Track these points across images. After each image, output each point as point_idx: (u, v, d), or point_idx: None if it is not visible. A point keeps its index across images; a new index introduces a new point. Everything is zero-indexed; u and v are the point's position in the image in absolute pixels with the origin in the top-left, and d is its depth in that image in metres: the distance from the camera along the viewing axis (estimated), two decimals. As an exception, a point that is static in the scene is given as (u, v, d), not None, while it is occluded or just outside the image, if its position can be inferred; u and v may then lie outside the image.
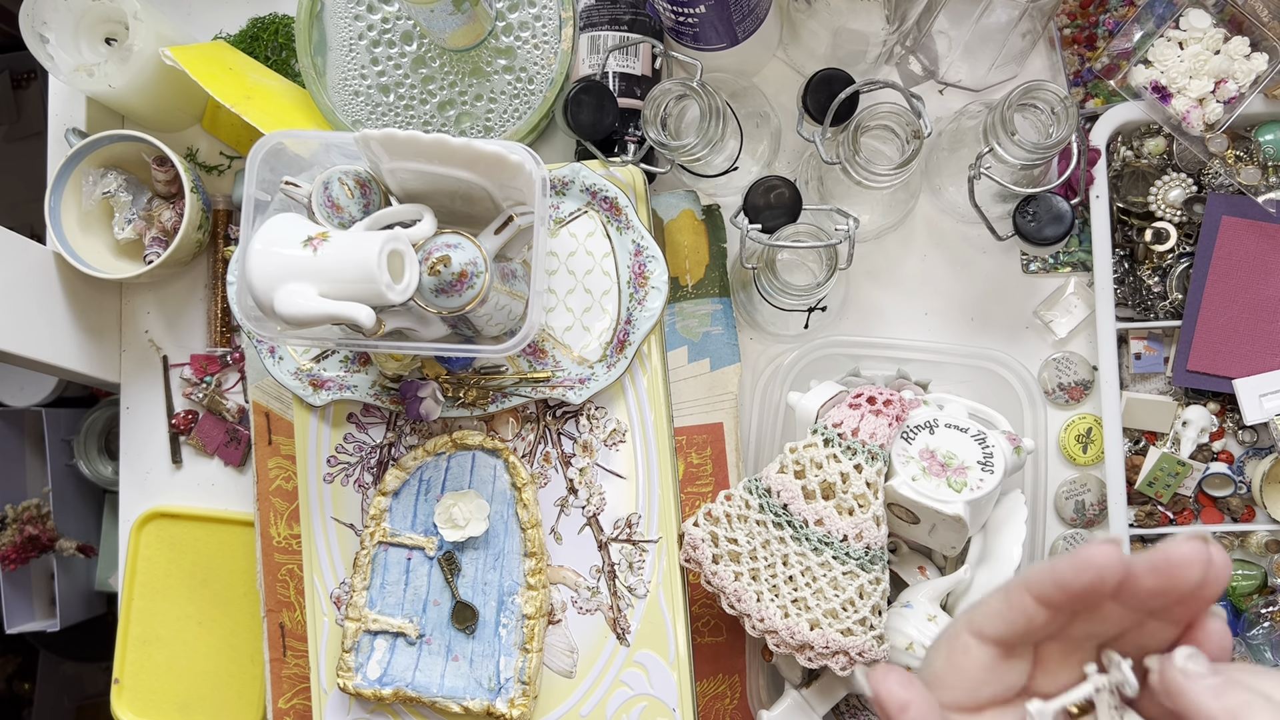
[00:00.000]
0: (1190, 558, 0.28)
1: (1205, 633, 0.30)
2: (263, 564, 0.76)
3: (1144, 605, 0.30)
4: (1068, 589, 0.29)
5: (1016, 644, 0.31)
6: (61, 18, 0.78)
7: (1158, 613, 0.30)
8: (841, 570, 0.60)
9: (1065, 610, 0.30)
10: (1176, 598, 0.29)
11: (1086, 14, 0.76)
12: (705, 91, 0.64)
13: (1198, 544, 0.28)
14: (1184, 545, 0.28)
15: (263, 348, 0.73)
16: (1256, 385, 0.71)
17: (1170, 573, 0.29)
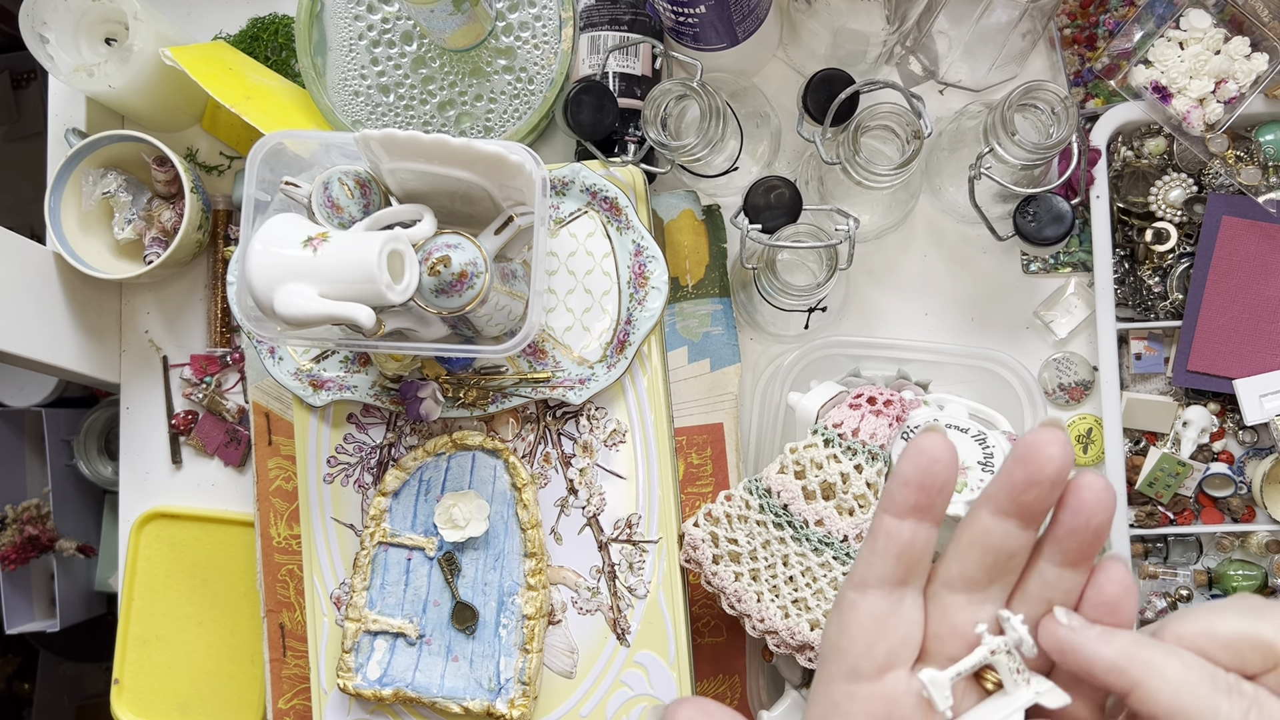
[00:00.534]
0: (1044, 438, 0.27)
1: (1107, 574, 0.29)
2: (262, 564, 0.76)
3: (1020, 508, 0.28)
4: (909, 482, 0.28)
5: (896, 580, 0.29)
6: (61, 18, 0.78)
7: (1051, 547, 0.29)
8: (842, 570, 0.60)
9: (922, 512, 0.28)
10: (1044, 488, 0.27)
11: (1087, 14, 0.76)
12: (705, 92, 0.64)
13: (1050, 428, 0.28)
14: (1038, 431, 0.28)
15: (263, 348, 0.73)
16: (1257, 385, 0.71)
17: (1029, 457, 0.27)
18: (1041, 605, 0.29)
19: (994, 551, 0.29)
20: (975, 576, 0.29)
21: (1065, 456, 0.27)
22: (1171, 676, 0.26)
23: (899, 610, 0.29)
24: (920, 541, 0.29)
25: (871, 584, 0.29)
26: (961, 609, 0.29)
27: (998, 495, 0.28)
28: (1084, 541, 0.28)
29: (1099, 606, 0.29)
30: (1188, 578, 0.74)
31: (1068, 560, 0.29)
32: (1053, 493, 0.28)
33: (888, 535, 0.29)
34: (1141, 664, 0.27)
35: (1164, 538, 0.74)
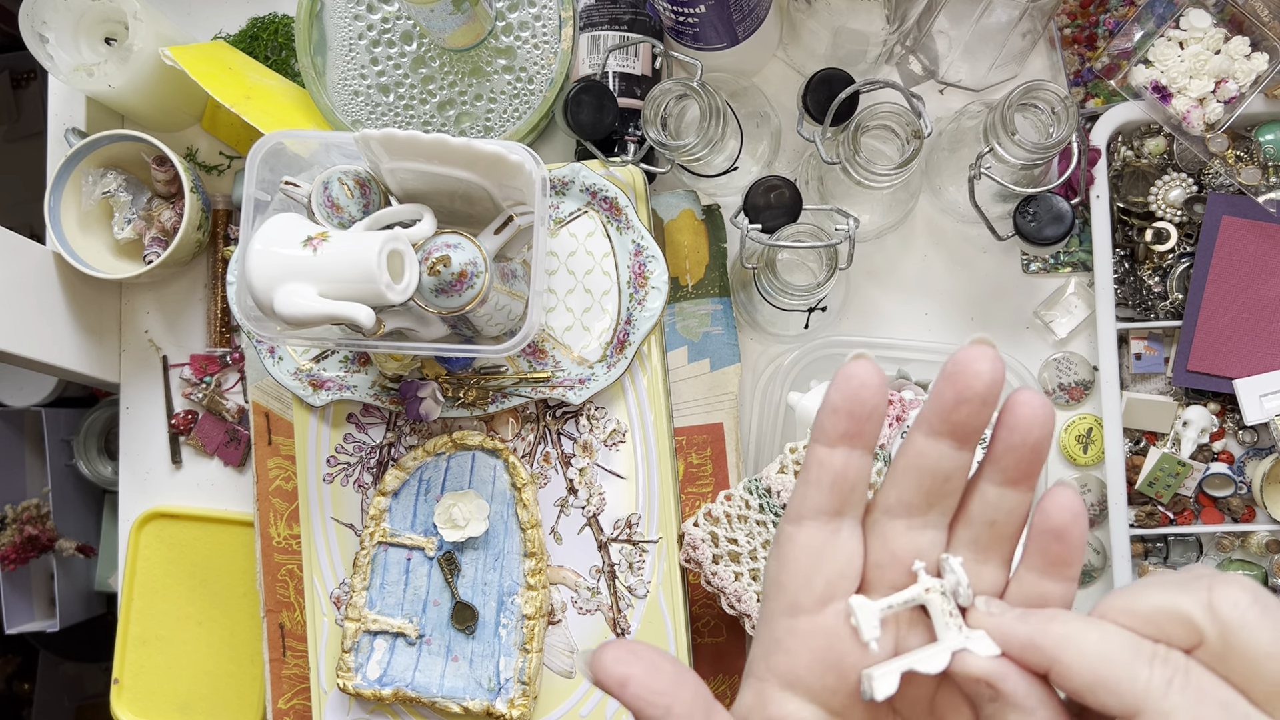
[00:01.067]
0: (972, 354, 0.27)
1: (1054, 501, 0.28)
2: (262, 564, 0.76)
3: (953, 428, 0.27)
4: (838, 409, 0.27)
5: (831, 510, 0.28)
6: (61, 17, 0.78)
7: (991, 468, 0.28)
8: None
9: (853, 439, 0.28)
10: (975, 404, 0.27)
11: (1087, 14, 0.76)
12: (705, 91, 0.64)
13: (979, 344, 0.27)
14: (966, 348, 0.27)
15: (262, 348, 0.72)
16: (1257, 385, 0.71)
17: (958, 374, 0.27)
18: (985, 528, 0.28)
19: (930, 474, 0.28)
20: (914, 501, 0.28)
21: (994, 371, 0.27)
22: (1088, 647, 0.25)
23: (836, 541, 0.28)
24: (854, 470, 0.28)
25: (807, 516, 0.28)
26: (901, 535, 0.29)
27: (930, 416, 0.27)
28: (1022, 459, 0.27)
29: (1046, 534, 0.28)
30: (1188, 578, 0.74)
31: (1008, 479, 0.28)
32: (984, 409, 0.27)
33: (820, 465, 0.28)
34: (1057, 638, 0.26)
35: (1164, 538, 0.74)
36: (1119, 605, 0.26)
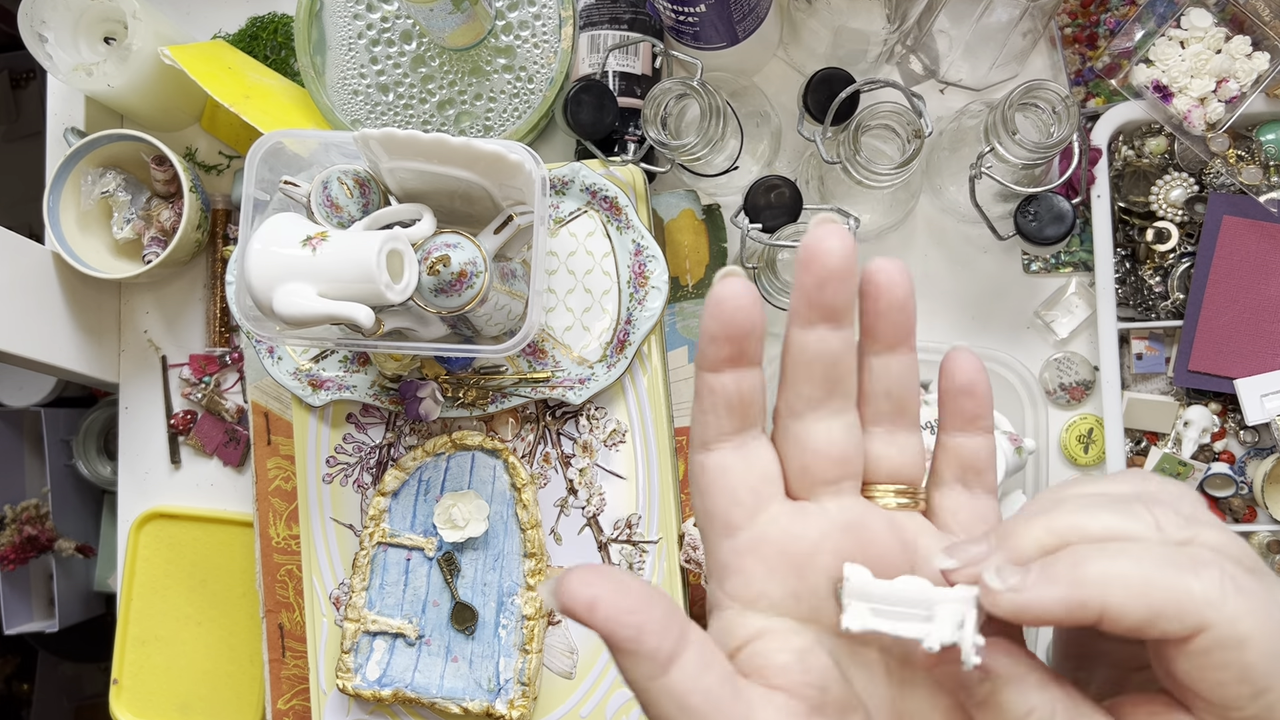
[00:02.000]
0: (819, 234, 0.26)
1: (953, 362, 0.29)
2: (262, 564, 0.76)
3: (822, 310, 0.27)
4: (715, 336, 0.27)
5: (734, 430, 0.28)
6: (60, 17, 0.78)
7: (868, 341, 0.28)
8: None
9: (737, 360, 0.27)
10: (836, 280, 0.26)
11: (1087, 13, 0.76)
12: (705, 91, 0.63)
13: (824, 223, 0.27)
14: (812, 230, 0.27)
15: (261, 348, 0.72)
16: (1258, 385, 0.71)
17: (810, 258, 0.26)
18: (884, 400, 0.29)
19: (818, 362, 0.28)
20: (811, 394, 0.28)
21: (845, 245, 0.26)
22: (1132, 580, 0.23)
23: (747, 455, 0.28)
24: (746, 388, 0.28)
25: (712, 441, 0.28)
26: (811, 430, 0.28)
27: (798, 308, 0.27)
28: (891, 322, 0.28)
29: (956, 393, 0.29)
30: (1189, 578, 0.74)
31: (886, 345, 0.28)
32: (846, 283, 0.27)
33: (710, 391, 0.28)
34: (1097, 583, 0.24)
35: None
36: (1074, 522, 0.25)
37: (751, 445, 0.28)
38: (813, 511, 0.28)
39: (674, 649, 0.25)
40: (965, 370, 0.29)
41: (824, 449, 0.28)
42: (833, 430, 0.28)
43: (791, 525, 0.28)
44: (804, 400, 0.28)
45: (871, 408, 0.29)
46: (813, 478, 0.28)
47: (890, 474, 0.29)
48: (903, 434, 0.29)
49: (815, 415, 0.28)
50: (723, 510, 0.28)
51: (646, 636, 0.24)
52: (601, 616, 0.24)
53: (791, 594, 0.27)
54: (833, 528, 0.28)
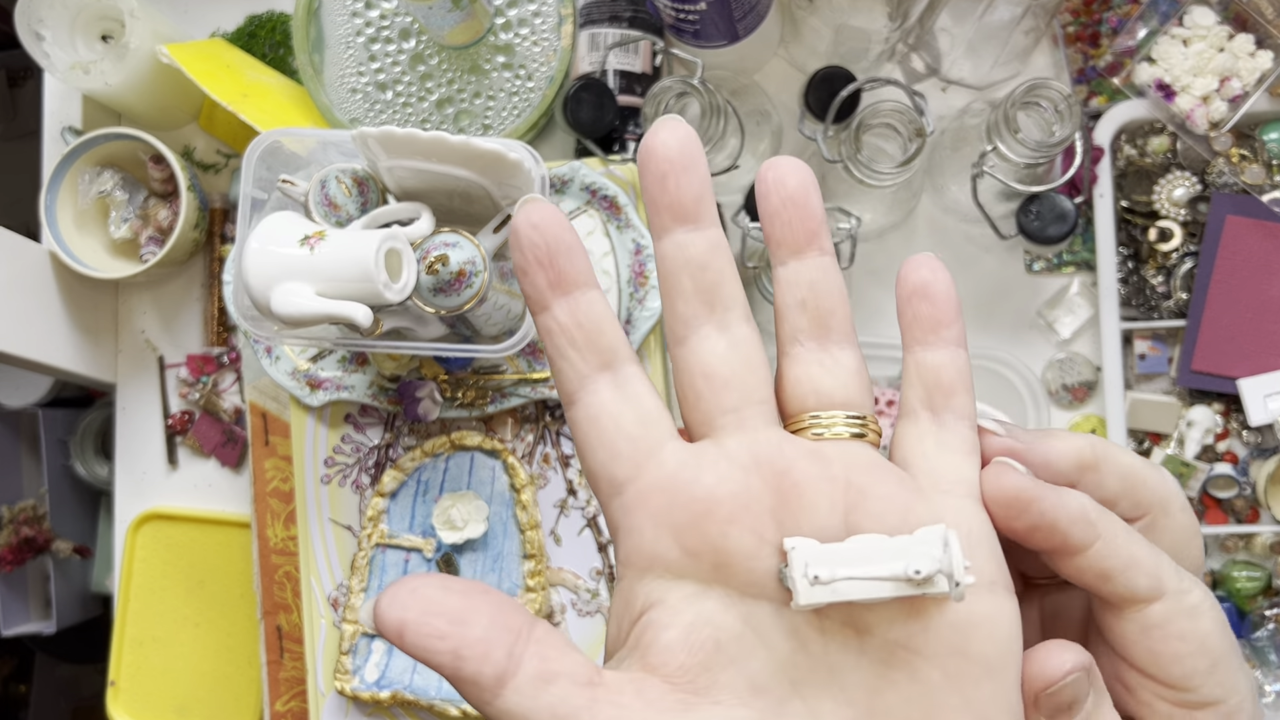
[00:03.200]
0: (652, 130, 0.24)
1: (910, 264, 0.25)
2: (259, 566, 0.75)
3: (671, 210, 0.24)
4: (525, 269, 0.24)
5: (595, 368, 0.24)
6: (57, 15, 0.78)
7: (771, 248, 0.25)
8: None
9: (559, 287, 0.24)
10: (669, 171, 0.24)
11: (1090, 11, 0.75)
12: (706, 89, 0.63)
13: (660, 120, 0.24)
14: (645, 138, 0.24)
15: (259, 348, 0.72)
16: (1261, 385, 0.70)
17: (645, 156, 0.24)
18: (800, 313, 0.25)
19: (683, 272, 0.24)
20: (687, 311, 0.24)
21: (679, 133, 0.24)
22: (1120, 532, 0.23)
23: (618, 398, 0.24)
24: (584, 316, 0.24)
25: (575, 389, 0.24)
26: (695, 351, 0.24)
27: (651, 217, 0.25)
28: (792, 220, 0.25)
29: (911, 298, 0.25)
30: (1192, 579, 0.73)
31: (791, 250, 0.25)
32: (690, 173, 0.24)
33: (549, 334, 0.24)
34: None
35: (1168, 539, 0.73)
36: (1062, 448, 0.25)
37: (621, 384, 0.24)
38: (709, 451, 0.24)
39: (501, 669, 0.22)
40: (919, 270, 0.25)
41: (711, 370, 0.24)
42: (718, 348, 0.24)
43: (682, 471, 0.23)
44: (682, 321, 0.25)
45: (788, 324, 0.25)
46: (707, 408, 0.24)
47: (822, 399, 0.24)
48: (832, 350, 0.25)
49: (698, 335, 0.24)
50: (604, 466, 0.24)
51: (464, 662, 0.22)
52: (410, 643, 0.22)
53: (688, 552, 0.23)
54: (733, 468, 0.23)
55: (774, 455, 0.23)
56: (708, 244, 0.24)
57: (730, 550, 0.23)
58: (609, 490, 0.24)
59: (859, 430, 0.24)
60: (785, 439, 0.24)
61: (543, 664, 0.22)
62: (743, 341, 0.24)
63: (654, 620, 0.23)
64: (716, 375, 0.24)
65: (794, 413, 0.25)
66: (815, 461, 0.23)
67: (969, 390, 0.25)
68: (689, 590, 0.23)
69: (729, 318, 0.24)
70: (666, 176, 0.24)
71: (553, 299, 0.24)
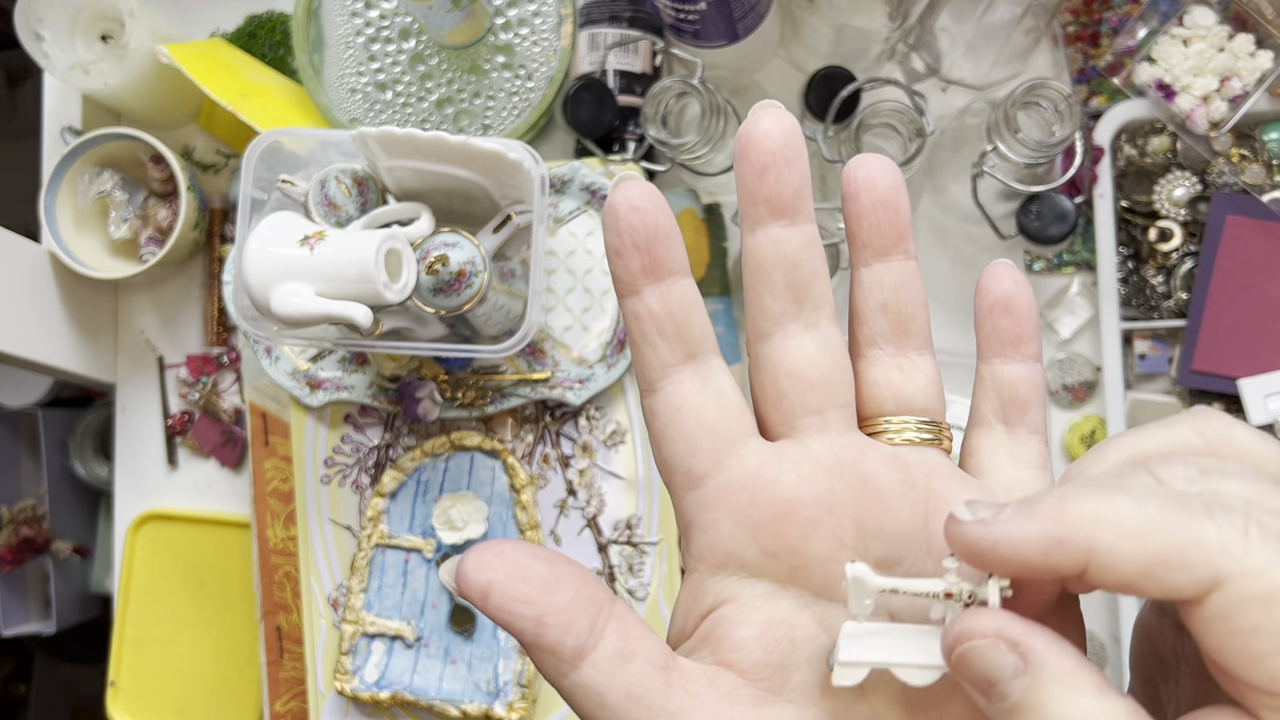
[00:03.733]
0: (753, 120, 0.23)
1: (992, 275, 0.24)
2: (259, 566, 0.75)
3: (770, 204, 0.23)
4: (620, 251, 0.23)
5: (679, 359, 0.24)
6: (57, 15, 0.78)
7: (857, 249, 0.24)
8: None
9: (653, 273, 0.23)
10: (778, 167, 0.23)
11: (1090, 11, 0.75)
12: (706, 89, 0.63)
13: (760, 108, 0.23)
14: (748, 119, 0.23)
15: (259, 348, 0.72)
16: (1261, 385, 0.70)
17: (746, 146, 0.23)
18: (879, 316, 0.24)
19: (775, 268, 0.23)
20: (775, 307, 0.24)
21: (783, 125, 0.23)
22: (1129, 520, 0.18)
23: (701, 390, 0.24)
24: (676, 304, 0.23)
25: (657, 379, 0.24)
26: (781, 350, 0.24)
27: (744, 207, 0.24)
28: (880, 222, 0.24)
29: (992, 310, 0.25)
30: (1192, 579, 0.73)
31: (876, 252, 0.24)
32: (791, 167, 0.23)
33: (636, 319, 0.24)
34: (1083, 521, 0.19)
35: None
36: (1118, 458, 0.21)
37: (705, 376, 0.24)
38: (791, 451, 0.23)
39: (582, 642, 0.21)
40: (1001, 282, 0.25)
41: (798, 370, 0.24)
42: (805, 347, 0.24)
43: (764, 469, 0.23)
44: (768, 317, 0.24)
45: (867, 327, 0.25)
46: (790, 407, 0.24)
47: (899, 404, 0.24)
48: (910, 355, 0.25)
49: (784, 333, 0.24)
50: (682, 459, 0.24)
51: (546, 630, 0.21)
52: (495, 606, 0.21)
53: (766, 552, 0.23)
54: (816, 469, 0.23)
55: (857, 459, 0.23)
56: (804, 240, 0.24)
57: (809, 553, 0.23)
58: (685, 483, 0.24)
59: (932, 436, 0.24)
60: (866, 443, 0.24)
61: (623, 642, 0.22)
62: (830, 342, 0.24)
63: (727, 616, 0.23)
64: (803, 376, 0.24)
65: (869, 415, 0.24)
66: (897, 467, 0.23)
67: (1043, 405, 0.25)
68: (764, 589, 0.23)
69: (818, 317, 0.24)
70: (767, 169, 0.23)
71: (645, 285, 0.23)
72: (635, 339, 0.24)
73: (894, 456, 0.23)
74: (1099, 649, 0.73)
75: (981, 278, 0.25)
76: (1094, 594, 0.70)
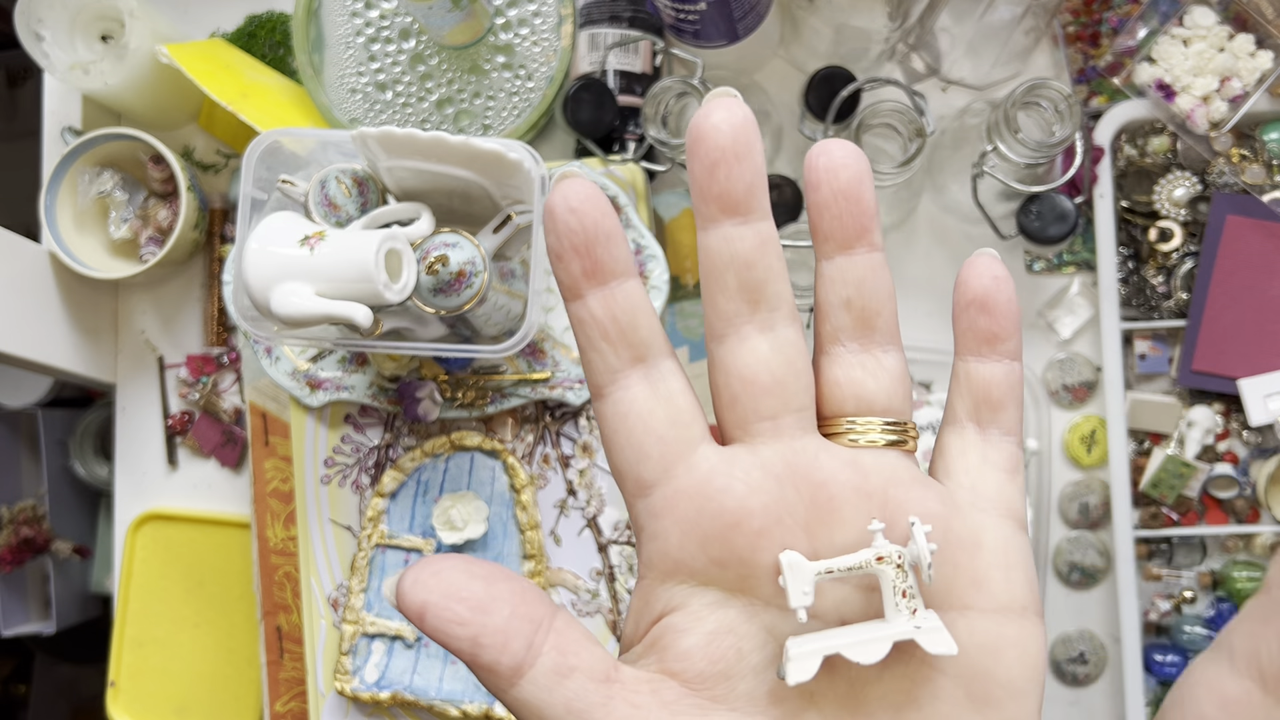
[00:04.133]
0: (704, 111, 0.22)
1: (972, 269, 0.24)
2: (259, 566, 0.75)
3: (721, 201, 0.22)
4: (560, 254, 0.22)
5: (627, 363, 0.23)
6: (57, 15, 0.78)
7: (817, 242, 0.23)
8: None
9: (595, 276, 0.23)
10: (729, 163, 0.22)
11: (1090, 11, 0.75)
12: (706, 89, 0.63)
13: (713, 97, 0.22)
14: (700, 110, 0.22)
15: (259, 348, 0.72)
16: (1261, 385, 0.70)
17: (696, 139, 0.22)
18: (842, 311, 0.23)
19: (728, 268, 0.22)
20: (729, 307, 0.23)
21: (735, 117, 0.22)
22: None
23: (651, 396, 0.23)
24: (620, 308, 0.23)
25: (606, 384, 0.23)
26: (735, 352, 0.23)
27: (696, 204, 0.23)
28: (841, 214, 0.23)
29: (969, 307, 0.24)
30: (1192, 580, 0.73)
31: (838, 245, 0.23)
32: (744, 162, 0.22)
33: (581, 324, 0.23)
34: None
35: (1168, 539, 0.73)
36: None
37: (655, 380, 0.23)
38: (742, 458, 0.23)
39: (519, 660, 0.21)
40: (981, 278, 0.24)
41: (750, 374, 0.23)
42: (759, 350, 0.23)
43: (713, 478, 0.22)
44: (722, 318, 0.23)
45: (830, 323, 0.24)
46: (744, 411, 0.23)
47: (861, 403, 0.23)
48: (875, 352, 0.24)
49: (738, 335, 0.23)
50: (630, 466, 0.23)
51: (482, 650, 0.21)
52: (430, 626, 0.21)
53: (715, 562, 0.22)
54: (767, 478, 0.22)
55: (810, 466, 0.23)
56: (757, 239, 0.23)
57: (758, 563, 0.22)
58: (634, 490, 0.23)
59: (898, 437, 0.23)
60: (822, 448, 0.23)
61: (560, 657, 0.22)
62: (786, 344, 0.23)
63: (674, 624, 0.23)
64: (756, 380, 0.23)
65: (830, 415, 0.24)
66: (853, 472, 0.23)
67: (1019, 405, 0.24)
68: (712, 598, 0.23)
69: (774, 318, 0.23)
70: (717, 165, 0.22)
71: (587, 289, 0.23)
72: (582, 344, 0.23)
73: (851, 462, 0.23)
74: (1099, 649, 0.73)
75: (961, 271, 0.24)
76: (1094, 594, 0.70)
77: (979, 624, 0.22)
